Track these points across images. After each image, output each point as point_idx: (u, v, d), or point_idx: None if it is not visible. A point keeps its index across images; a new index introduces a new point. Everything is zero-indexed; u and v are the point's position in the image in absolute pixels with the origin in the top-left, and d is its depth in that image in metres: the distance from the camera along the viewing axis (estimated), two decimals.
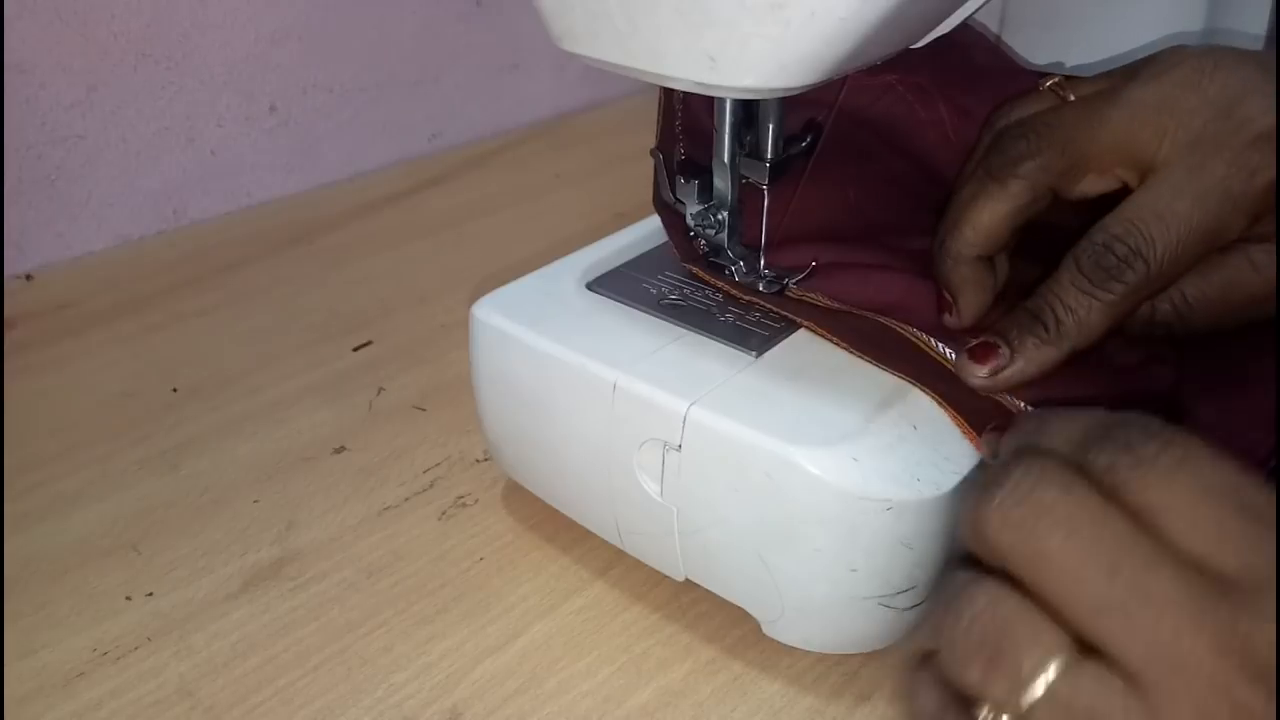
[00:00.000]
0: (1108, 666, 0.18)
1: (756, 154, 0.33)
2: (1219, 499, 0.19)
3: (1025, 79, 0.37)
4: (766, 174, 0.33)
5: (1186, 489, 0.19)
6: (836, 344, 0.31)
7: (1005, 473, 0.20)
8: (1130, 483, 0.19)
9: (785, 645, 0.31)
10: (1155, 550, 0.18)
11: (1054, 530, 0.19)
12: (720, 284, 0.34)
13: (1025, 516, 0.19)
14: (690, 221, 0.34)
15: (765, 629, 0.31)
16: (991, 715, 0.19)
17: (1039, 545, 0.19)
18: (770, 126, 0.33)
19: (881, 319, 0.32)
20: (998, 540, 0.20)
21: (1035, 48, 0.44)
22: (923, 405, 0.29)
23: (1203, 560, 0.18)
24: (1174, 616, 0.18)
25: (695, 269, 0.35)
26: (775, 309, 0.33)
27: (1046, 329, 0.30)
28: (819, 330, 0.32)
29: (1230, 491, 0.19)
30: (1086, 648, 0.19)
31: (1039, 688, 0.18)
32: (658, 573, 0.34)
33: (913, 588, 0.29)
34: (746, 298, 0.33)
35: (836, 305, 0.33)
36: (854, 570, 0.28)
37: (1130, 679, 0.18)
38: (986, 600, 0.20)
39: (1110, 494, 0.19)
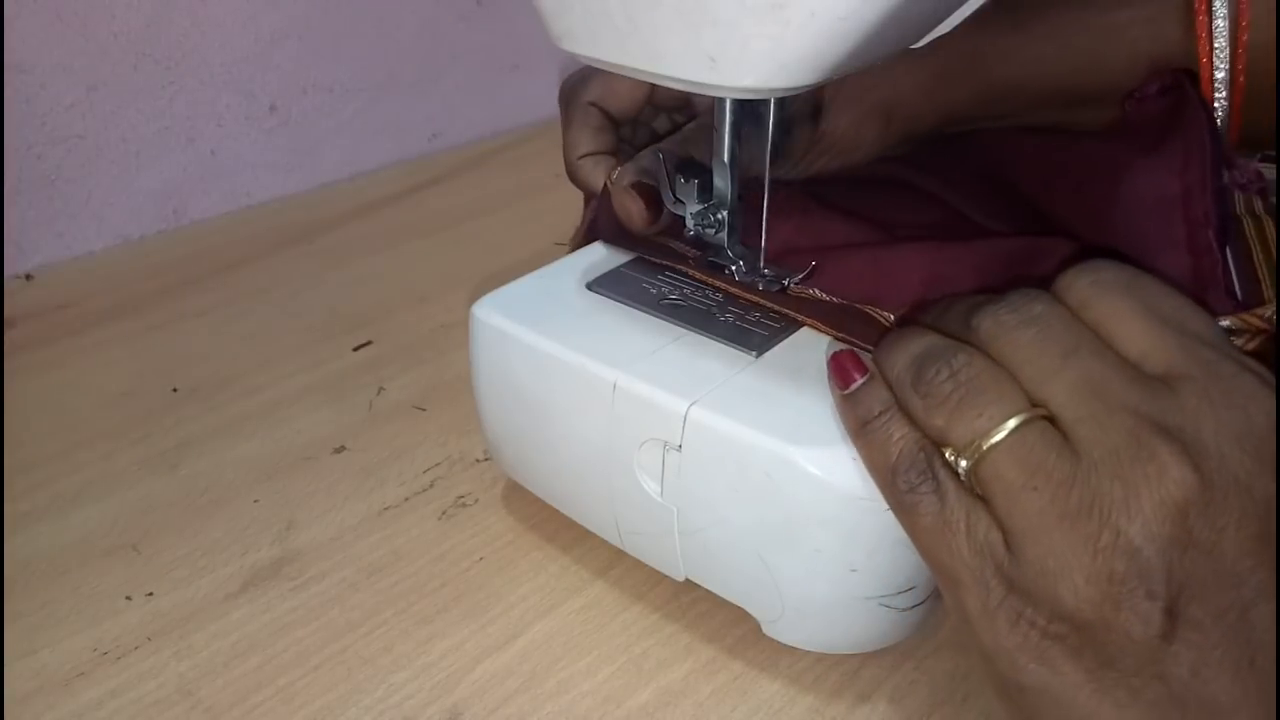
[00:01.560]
0: (1050, 425, 0.23)
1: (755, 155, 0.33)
2: (1155, 316, 0.24)
3: None
4: (767, 174, 0.33)
5: (1131, 305, 0.24)
6: (840, 339, 0.31)
7: (1008, 294, 0.25)
8: (1088, 300, 0.24)
9: (785, 645, 0.31)
10: (1103, 347, 0.24)
11: (1032, 325, 0.24)
12: (719, 283, 0.34)
13: (1014, 318, 0.24)
14: (690, 221, 0.34)
15: (765, 629, 0.31)
16: (954, 457, 0.24)
17: (1016, 335, 0.24)
18: (770, 126, 0.33)
19: (880, 312, 0.32)
20: (986, 334, 0.25)
21: None
22: None
23: (1139, 361, 0.23)
24: (1105, 386, 0.23)
25: (691, 270, 0.35)
26: (776, 307, 0.33)
27: None
28: (821, 327, 0.32)
29: (1166, 311, 0.24)
30: (1036, 412, 0.23)
31: (999, 434, 0.23)
32: (658, 573, 0.34)
33: (913, 588, 0.29)
34: (748, 296, 0.33)
35: (839, 301, 0.33)
36: (854, 570, 0.28)
37: (1065, 434, 0.23)
38: (965, 359, 0.24)
39: (1072, 310, 0.24)
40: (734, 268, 0.34)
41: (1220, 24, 0.34)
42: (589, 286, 0.35)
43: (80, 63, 0.56)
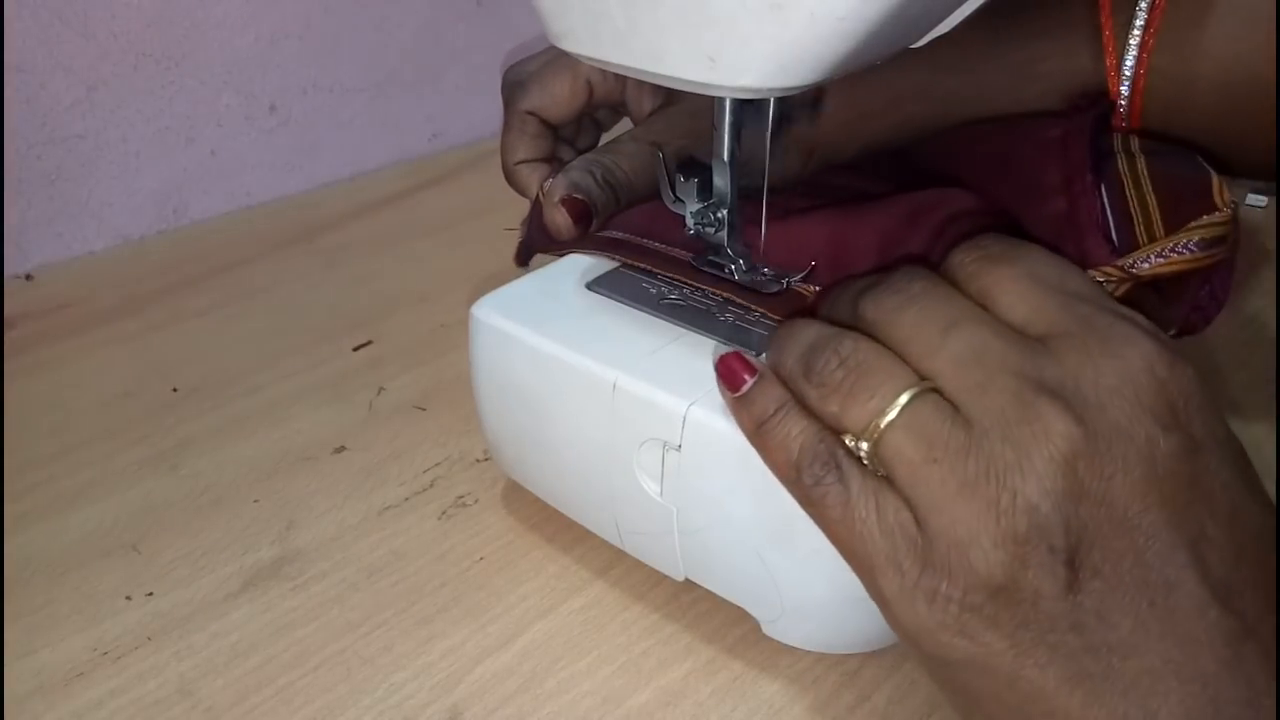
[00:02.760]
0: (941, 397, 0.24)
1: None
2: (1036, 281, 0.25)
3: None
4: (767, 175, 0.33)
5: (1013, 273, 0.25)
6: (761, 313, 0.32)
7: (888, 277, 0.26)
8: (975, 273, 0.25)
9: (785, 645, 0.31)
10: (983, 315, 0.24)
11: (913, 304, 0.25)
12: (719, 289, 0.34)
13: (896, 300, 0.25)
14: (690, 221, 0.34)
15: (765, 629, 0.31)
16: (854, 442, 0.25)
17: (899, 316, 0.25)
18: (770, 126, 0.33)
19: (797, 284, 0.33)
20: (871, 319, 0.25)
21: None
22: None
23: (1023, 326, 0.24)
24: (988, 353, 0.23)
25: (679, 275, 0.35)
26: (772, 316, 0.33)
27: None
28: (737, 299, 0.32)
29: (1046, 275, 0.25)
30: (925, 385, 0.24)
31: (893, 412, 0.24)
32: (658, 573, 0.34)
33: None
34: (747, 303, 0.33)
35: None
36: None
37: (954, 405, 0.23)
38: (851, 345, 0.25)
39: (961, 284, 0.25)
40: (734, 267, 0.34)
41: (1130, 58, 0.35)
42: (589, 286, 0.35)
43: (80, 63, 0.56)
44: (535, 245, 0.38)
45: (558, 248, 0.37)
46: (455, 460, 0.41)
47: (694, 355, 0.31)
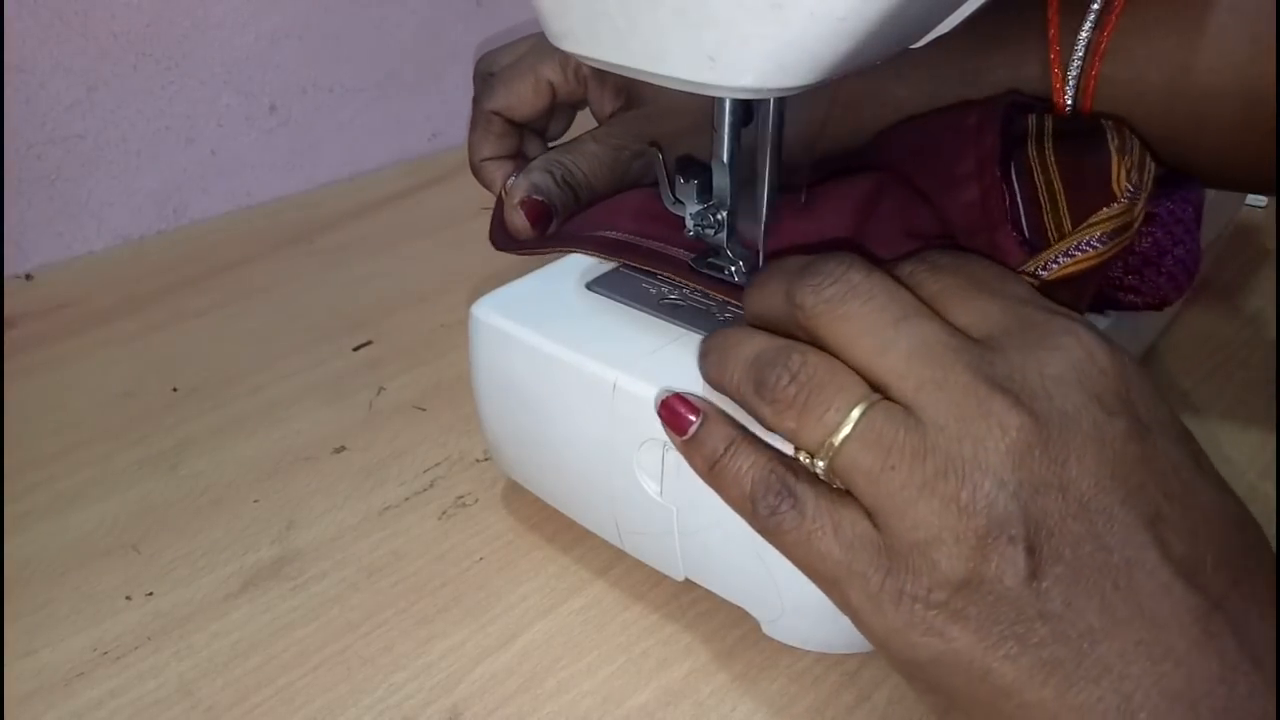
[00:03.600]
0: (893, 400, 0.24)
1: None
2: (978, 286, 0.25)
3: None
4: (767, 174, 0.33)
5: (955, 282, 0.26)
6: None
7: (820, 263, 0.25)
8: (920, 282, 0.26)
9: (785, 645, 0.31)
10: (929, 310, 0.25)
11: (857, 297, 0.25)
12: (718, 291, 0.34)
13: (837, 291, 0.25)
14: (690, 221, 0.34)
15: (765, 629, 0.31)
16: (808, 460, 0.25)
17: (844, 309, 0.25)
18: (770, 126, 0.32)
19: None
20: (812, 310, 0.25)
21: None
22: None
23: (967, 328, 0.25)
24: (939, 349, 0.23)
25: (678, 276, 0.35)
26: (692, 284, 0.33)
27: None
28: (722, 296, 0.32)
29: (987, 281, 0.26)
30: (876, 392, 0.24)
31: (847, 427, 0.24)
32: (658, 573, 0.34)
33: None
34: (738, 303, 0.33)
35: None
36: None
37: (907, 405, 0.23)
38: (800, 359, 0.25)
39: (913, 290, 0.25)
40: (734, 268, 0.34)
41: (1077, 59, 0.35)
42: (589, 286, 0.35)
43: (80, 63, 0.56)
44: (498, 244, 0.38)
45: (518, 248, 0.37)
46: (455, 460, 0.41)
47: (694, 355, 0.31)
